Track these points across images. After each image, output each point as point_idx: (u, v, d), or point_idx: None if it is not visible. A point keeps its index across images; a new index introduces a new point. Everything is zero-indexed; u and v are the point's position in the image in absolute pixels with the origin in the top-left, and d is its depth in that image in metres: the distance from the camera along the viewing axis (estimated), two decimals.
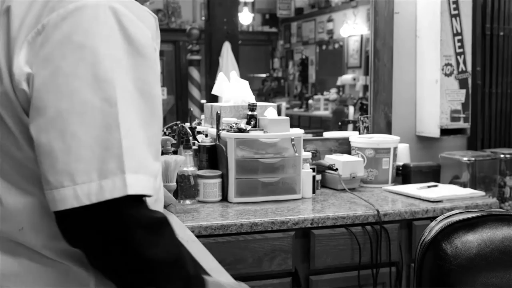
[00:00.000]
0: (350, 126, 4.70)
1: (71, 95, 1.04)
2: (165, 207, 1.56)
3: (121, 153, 1.05)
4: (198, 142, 2.64)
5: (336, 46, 8.62)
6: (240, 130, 2.47)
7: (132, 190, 1.04)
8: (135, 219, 1.06)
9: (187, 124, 2.75)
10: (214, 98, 2.97)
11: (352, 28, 8.08)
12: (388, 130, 3.16)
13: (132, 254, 1.06)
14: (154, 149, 1.14)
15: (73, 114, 1.04)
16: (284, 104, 7.83)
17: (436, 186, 2.74)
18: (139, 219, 1.06)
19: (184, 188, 2.41)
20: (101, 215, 1.04)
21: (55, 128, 1.04)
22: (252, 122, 2.55)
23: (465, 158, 3.00)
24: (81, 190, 1.02)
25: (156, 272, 1.07)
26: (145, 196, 1.08)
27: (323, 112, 7.68)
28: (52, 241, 1.11)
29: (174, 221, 1.55)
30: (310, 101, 8.12)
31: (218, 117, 2.53)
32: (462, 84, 3.15)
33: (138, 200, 1.07)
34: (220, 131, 2.51)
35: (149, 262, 1.06)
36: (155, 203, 1.24)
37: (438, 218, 1.54)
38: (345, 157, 2.82)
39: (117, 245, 1.05)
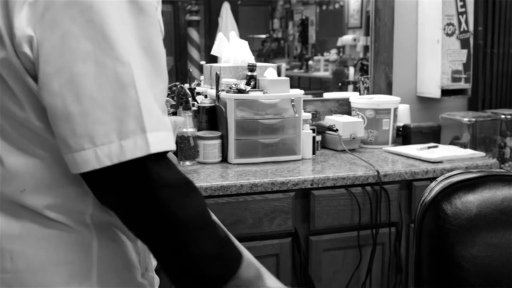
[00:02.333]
0: (351, 87, 4.68)
1: (83, 57, 1.04)
2: None
3: (140, 112, 1.05)
4: (198, 103, 2.62)
5: (337, 6, 8.53)
6: (240, 91, 2.45)
7: (155, 148, 1.04)
8: (161, 178, 1.05)
9: (186, 85, 2.74)
10: (214, 59, 2.94)
11: None
12: (388, 90, 3.14)
13: (159, 213, 1.05)
14: (161, 107, 1.14)
15: (87, 77, 1.03)
16: (284, 65, 7.79)
17: (436, 147, 2.73)
18: (165, 178, 1.05)
19: (183, 149, 2.41)
20: (126, 175, 1.04)
21: (70, 92, 1.03)
22: (251, 83, 2.53)
23: (466, 119, 2.99)
24: (101, 151, 1.02)
25: (185, 232, 1.06)
26: (168, 152, 1.08)
27: (323, 73, 7.63)
28: (54, 202, 1.11)
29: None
30: (310, 62, 8.07)
31: (218, 78, 2.51)
32: (464, 44, 3.12)
33: (162, 159, 1.07)
34: (220, 92, 2.50)
35: (177, 221, 1.05)
36: None
37: (438, 179, 1.54)
38: (345, 118, 2.81)
39: (145, 205, 1.05)
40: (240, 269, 1.12)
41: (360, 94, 3.16)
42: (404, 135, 2.92)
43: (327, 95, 3.26)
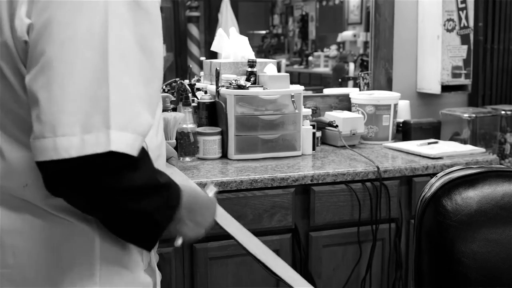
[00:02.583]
0: (351, 82, 4.68)
1: (62, 44, 1.02)
2: (167, 160, 1.56)
3: (108, 108, 1.02)
4: (198, 99, 2.62)
5: (337, 1, 8.51)
6: (240, 87, 2.45)
7: (116, 147, 1.01)
8: (116, 181, 1.04)
9: (186, 81, 2.73)
10: (213, 55, 2.94)
11: None
12: (388, 86, 3.14)
13: (111, 210, 1.09)
14: (153, 104, 1.13)
15: (62, 64, 1.01)
16: (284, 61, 7.78)
17: (436, 142, 2.73)
18: (118, 184, 1.05)
19: (183, 145, 2.41)
20: (82, 170, 1.02)
21: (43, 77, 1.02)
22: (251, 79, 2.53)
23: (466, 115, 2.99)
24: (60, 142, 1.00)
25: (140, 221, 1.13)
26: (129, 155, 1.04)
27: (323, 69, 7.62)
28: (56, 197, 1.11)
29: (177, 173, 1.54)
30: (310, 58, 8.06)
31: (218, 74, 2.51)
32: (464, 40, 3.12)
33: (123, 159, 1.04)
34: (220, 88, 2.49)
35: (132, 215, 1.10)
36: (158, 159, 1.24)
37: (439, 174, 1.54)
38: (345, 114, 2.80)
39: (96, 201, 1.07)
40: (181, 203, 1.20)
41: (360, 90, 3.15)
42: (404, 131, 2.92)
43: (327, 91, 3.26)
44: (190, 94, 2.57)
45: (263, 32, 9.62)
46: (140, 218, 1.11)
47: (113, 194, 1.05)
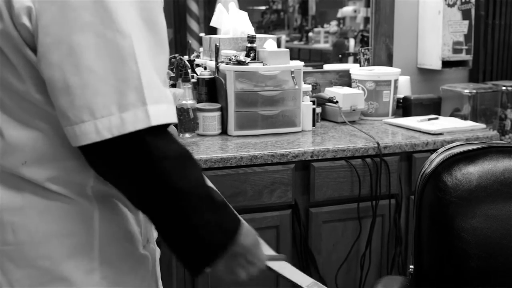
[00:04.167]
0: (351, 58, 4.65)
1: (83, 28, 1.03)
2: None
3: (140, 84, 1.04)
4: (197, 75, 2.61)
5: None
6: (239, 63, 2.44)
7: (156, 121, 1.04)
8: (161, 151, 1.06)
9: (186, 57, 2.72)
10: (213, 31, 2.92)
11: None
12: (389, 62, 3.12)
13: (160, 185, 1.06)
14: (162, 78, 1.13)
15: (87, 48, 1.03)
16: (283, 37, 7.73)
17: (436, 118, 2.72)
18: (165, 151, 1.06)
19: (183, 122, 2.40)
20: (126, 148, 1.04)
21: (69, 64, 1.03)
22: (251, 54, 2.51)
23: (466, 91, 2.98)
24: (101, 124, 1.02)
25: (185, 201, 1.08)
26: (169, 125, 1.08)
27: (323, 45, 7.59)
28: (55, 174, 1.11)
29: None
30: (310, 34, 8.02)
31: (217, 50, 2.49)
32: (465, 15, 3.10)
33: (162, 132, 1.07)
34: (219, 64, 2.48)
35: (177, 192, 1.07)
36: None
37: (439, 150, 1.54)
38: (346, 90, 2.79)
39: (146, 178, 1.06)
40: (239, 236, 1.14)
41: (360, 66, 3.14)
42: (405, 107, 2.91)
43: (327, 67, 3.24)
44: (189, 70, 2.56)
45: (263, 7, 9.56)
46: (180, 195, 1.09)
47: (161, 163, 1.05)
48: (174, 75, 2.57)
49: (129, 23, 1.05)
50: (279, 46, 2.74)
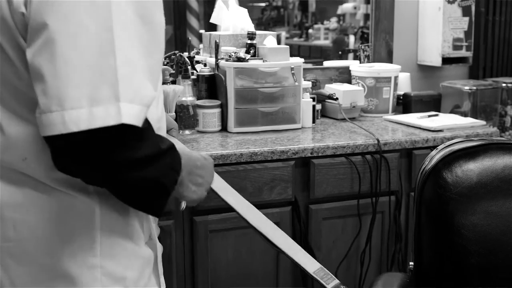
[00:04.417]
0: (351, 55, 4.65)
1: (66, 16, 1.01)
2: (167, 131, 1.55)
3: (116, 80, 1.01)
4: (197, 71, 2.61)
5: None
6: (239, 59, 2.44)
7: (127, 120, 1.01)
8: (128, 155, 1.04)
9: (186, 54, 2.72)
10: (213, 28, 2.92)
11: None
12: (389, 59, 3.12)
13: (121, 181, 1.08)
14: (155, 77, 1.12)
15: (66, 37, 1.00)
16: (283, 34, 7.73)
17: (436, 115, 2.72)
18: (132, 155, 1.04)
19: (183, 118, 2.40)
20: (90, 144, 1.01)
21: (47, 51, 1.01)
22: (251, 51, 2.51)
23: (466, 87, 2.98)
24: (69, 116, 0.99)
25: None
26: (136, 127, 1.04)
27: (323, 41, 7.58)
28: (56, 170, 1.11)
29: (173, 140, 1.54)
30: (310, 31, 8.02)
31: (217, 46, 2.49)
32: (465, 11, 3.09)
33: (131, 130, 1.04)
34: (219, 60, 2.48)
35: (141, 182, 1.10)
36: (158, 131, 1.23)
37: (439, 147, 1.54)
38: (346, 86, 2.79)
39: (106, 174, 1.06)
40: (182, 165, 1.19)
41: (360, 63, 3.14)
42: (405, 104, 2.91)
43: (327, 64, 3.24)
44: (189, 67, 2.56)
45: (263, 4, 9.55)
46: (149, 184, 1.10)
47: (123, 166, 1.04)
48: (174, 71, 2.57)
49: (119, 18, 1.03)
50: (279, 42, 2.73)
